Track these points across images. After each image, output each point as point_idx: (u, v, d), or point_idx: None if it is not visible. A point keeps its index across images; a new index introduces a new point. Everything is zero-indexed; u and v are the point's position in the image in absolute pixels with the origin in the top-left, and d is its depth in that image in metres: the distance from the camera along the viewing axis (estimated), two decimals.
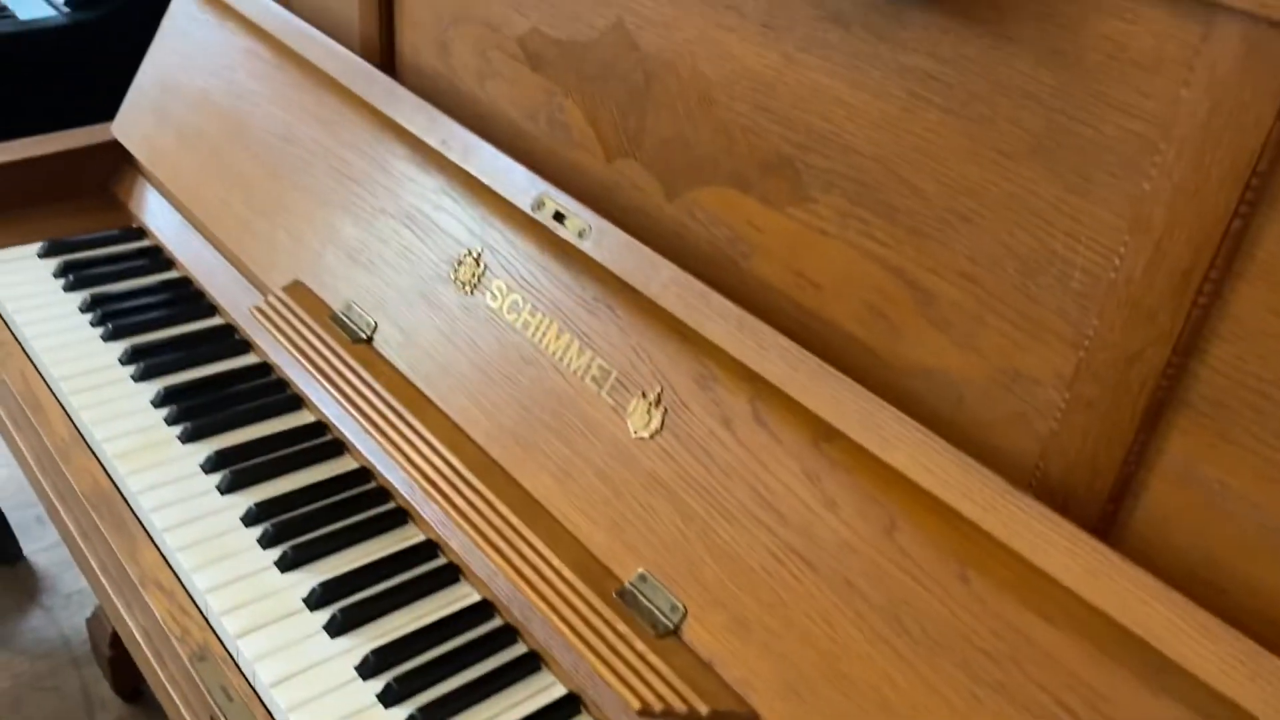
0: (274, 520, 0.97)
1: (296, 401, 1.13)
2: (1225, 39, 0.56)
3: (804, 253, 0.83)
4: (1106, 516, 0.69)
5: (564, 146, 1.01)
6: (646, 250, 0.86)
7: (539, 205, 0.94)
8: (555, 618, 0.83)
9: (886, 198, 0.76)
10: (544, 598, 0.84)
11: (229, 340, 1.21)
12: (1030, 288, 0.69)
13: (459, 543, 0.95)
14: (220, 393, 1.12)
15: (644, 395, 0.88)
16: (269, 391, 1.14)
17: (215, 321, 1.25)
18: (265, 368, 1.18)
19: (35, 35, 1.72)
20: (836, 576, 0.74)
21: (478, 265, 1.03)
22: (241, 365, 1.18)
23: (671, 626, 0.81)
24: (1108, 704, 0.62)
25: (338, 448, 1.08)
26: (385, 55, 1.20)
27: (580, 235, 0.91)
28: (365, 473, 1.05)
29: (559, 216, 0.93)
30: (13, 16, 1.83)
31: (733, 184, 0.86)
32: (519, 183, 0.96)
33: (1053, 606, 0.65)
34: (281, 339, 1.10)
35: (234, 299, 1.25)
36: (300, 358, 1.07)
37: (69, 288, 1.26)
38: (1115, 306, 0.64)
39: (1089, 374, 0.66)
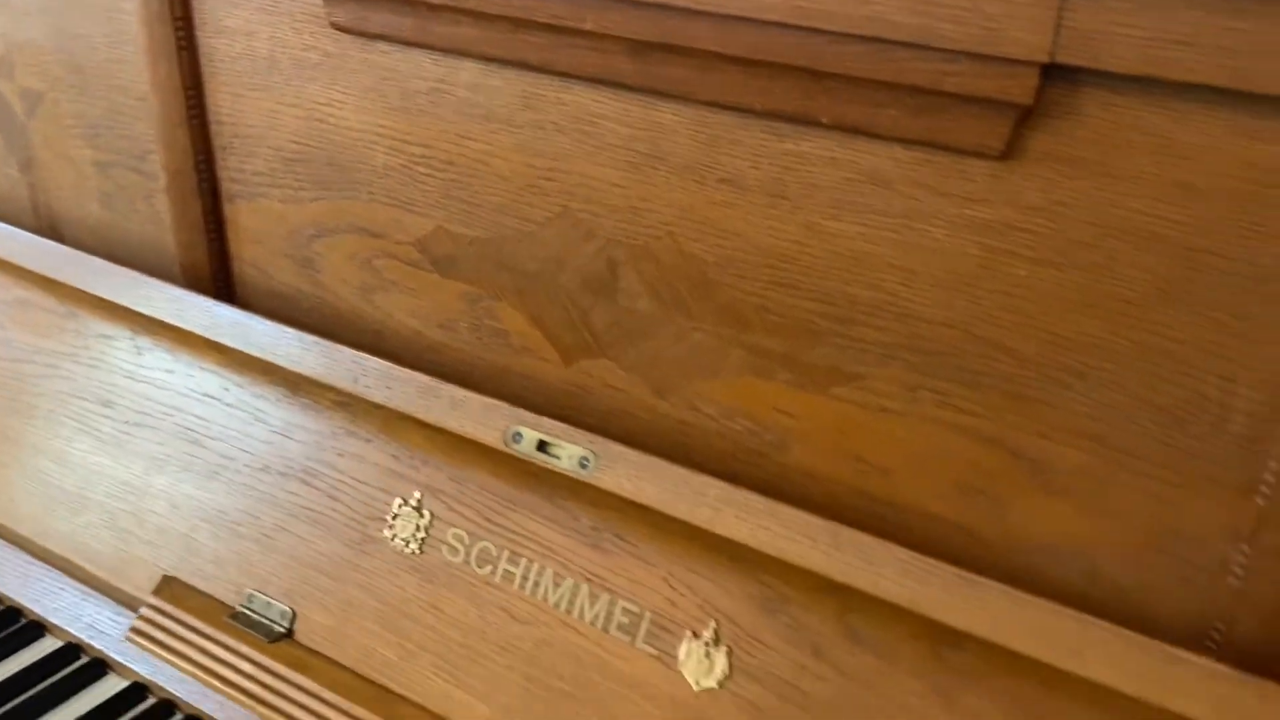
0: None
1: None
2: None
3: (859, 435, 0.72)
4: None
5: (499, 354, 0.86)
6: (681, 470, 0.72)
7: (515, 439, 0.78)
8: None
9: (967, 364, 0.67)
10: None
11: (79, 670, 0.94)
12: (1177, 439, 0.62)
13: None
14: None
15: (695, 635, 0.74)
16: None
17: (49, 647, 0.97)
18: (140, 690, 0.92)
19: None
20: None
21: (420, 515, 0.84)
22: (102, 698, 0.91)
23: None
24: None
25: None
26: (220, 281, 0.99)
27: (582, 465, 0.75)
28: None
29: (543, 446, 0.77)
30: None
31: (750, 371, 0.75)
32: (476, 413, 0.80)
33: None
34: (178, 660, 0.86)
35: (74, 614, 0.98)
36: (214, 681, 0.84)
37: None
38: None
39: (1275, 522, 0.59)
